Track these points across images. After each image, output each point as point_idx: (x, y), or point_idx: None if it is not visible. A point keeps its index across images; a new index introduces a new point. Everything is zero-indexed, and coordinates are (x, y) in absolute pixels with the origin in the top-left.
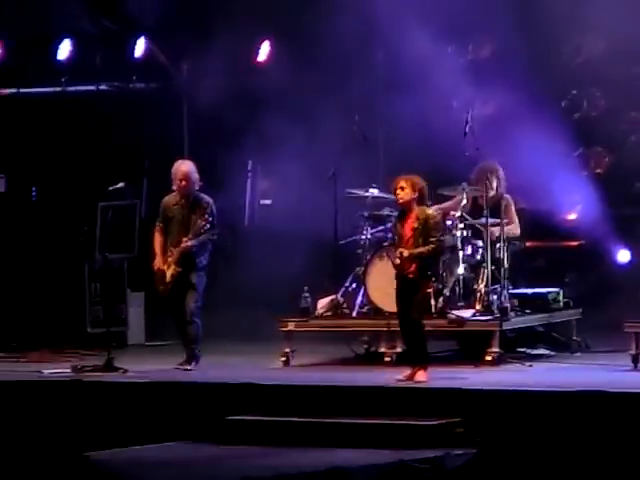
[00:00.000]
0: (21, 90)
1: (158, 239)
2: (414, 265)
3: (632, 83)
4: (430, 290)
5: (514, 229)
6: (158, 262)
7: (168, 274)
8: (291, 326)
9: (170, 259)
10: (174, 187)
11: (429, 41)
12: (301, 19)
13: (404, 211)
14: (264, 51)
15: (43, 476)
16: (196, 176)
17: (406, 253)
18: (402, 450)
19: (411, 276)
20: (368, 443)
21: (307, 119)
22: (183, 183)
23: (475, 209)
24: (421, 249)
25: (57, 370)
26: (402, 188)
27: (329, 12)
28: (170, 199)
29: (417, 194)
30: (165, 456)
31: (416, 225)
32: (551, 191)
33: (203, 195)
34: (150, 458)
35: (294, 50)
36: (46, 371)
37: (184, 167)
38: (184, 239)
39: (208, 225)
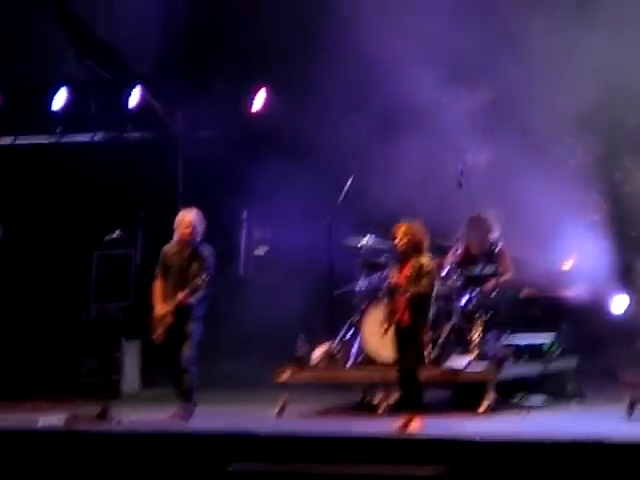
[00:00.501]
0: (17, 141)
1: (158, 285)
2: (407, 313)
3: (625, 130)
4: (425, 338)
5: (510, 277)
6: (159, 308)
7: (163, 323)
8: (286, 376)
9: (167, 309)
10: (175, 236)
11: (426, 90)
12: (296, 66)
13: (402, 259)
14: (259, 99)
15: None
16: (202, 226)
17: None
18: None
19: (405, 324)
20: None
21: (302, 167)
22: (188, 230)
23: (468, 257)
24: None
25: (51, 420)
26: (402, 237)
27: (325, 59)
28: (170, 248)
29: (416, 243)
30: None
31: (409, 273)
32: (547, 239)
33: (203, 246)
34: None
35: (290, 97)
36: (40, 420)
37: (190, 216)
38: (180, 292)
39: (206, 280)
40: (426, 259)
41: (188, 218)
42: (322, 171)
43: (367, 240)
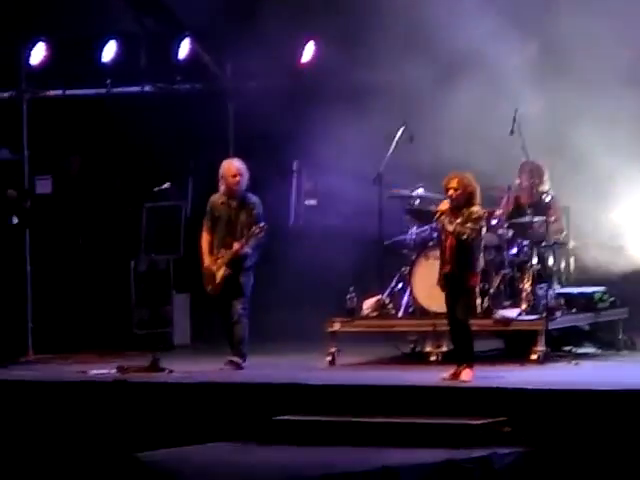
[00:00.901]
0: (67, 92)
1: (206, 238)
2: (454, 259)
3: None
4: (475, 288)
5: (559, 227)
6: (207, 261)
7: (219, 275)
8: (337, 326)
9: (220, 260)
10: (222, 186)
11: (478, 39)
12: (347, 18)
13: (453, 209)
14: (309, 51)
15: (92, 476)
16: (247, 175)
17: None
18: (450, 449)
19: (452, 271)
20: (415, 442)
21: (352, 119)
22: (237, 178)
23: (518, 208)
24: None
25: (103, 371)
26: (455, 189)
27: (375, 10)
28: (217, 198)
29: (468, 195)
30: (212, 456)
31: (460, 221)
32: (601, 190)
33: (250, 195)
34: (196, 459)
35: (339, 50)
36: (92, 372)
37: (237, 163)
38: (235, 243)
39: (261, 231)
40: (477, 208)
41: (234, 167)
42: (372, 122)
43: (418, 191)
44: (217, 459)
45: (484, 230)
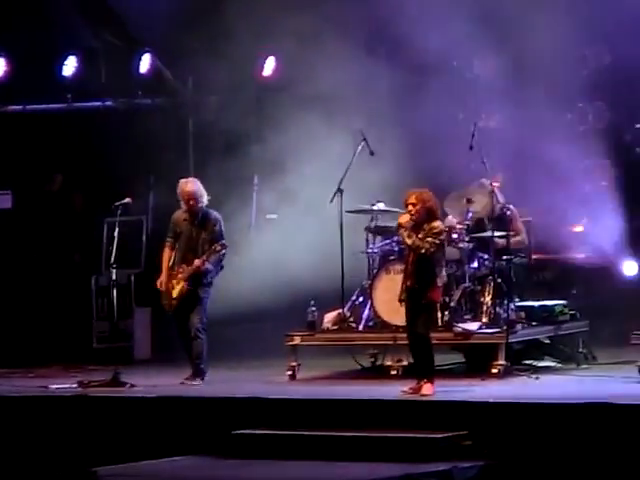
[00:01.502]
0: (27, 107)
1: (167, 254)
2: (414, 273)
3: (636, 95)
4: (437, 302)
5: (521, 240)
6: (164, 277)
7: (176, 290)
8: (297, 340)
9: (180, 275)
10: (182, 205)
11: (435, 54)
12: (305, 33)
13: (415, 225)
14: (269, 66)
15: None
16: (202, 193)
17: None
18: (409, 464)
19: (412, 284)
20: (375, 457)
21: (313, 133)
22: (191, 203)
23: (479, 222)
24: (414, 238)
25: (64, 385)
26: (413, 204)
27: (334, 26)
28: (179, 215)
29: (427, 211)
30: (172, 471)
31: (416, 237)
32: (557, 204)
33: (211, 211)
34: (157, 473)
35: (299, 64)
36: (53, 386)
37: (189, 187)
38: (196, 260)
39: (222, 248)
40: (437, 223)
41: (187, 190)
42: (332, 136)
43: (378, 205)
44: (178, 473)
45: (445, 245)
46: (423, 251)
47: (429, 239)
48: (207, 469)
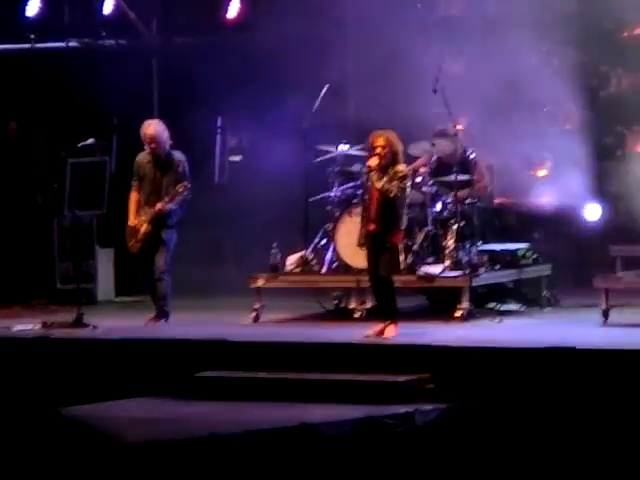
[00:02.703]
0: None
1: (134, 197)
2: (378, 217)
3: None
4: (399, 245)
5: (484, 184)
6: (132, 219)
7: (141, 232)
8: (261, 282)
9: (143, 217)
10: (146, 148)
11: None
12: None
13: (380, 168)
14: (234, 7)
15: (15, 431)
16: (165, 135)
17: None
18: (372, 406)
19: (376, 228)
20: (338, 399)
21: (276, 74)
22: (153, 145)
23: (442, 165)
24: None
25: (27, 326)
26: (382, 147)
27: None
28: (142, 157)
29: (393, 154)
30: (134, 412)
31: (385, 180)
32: (521, 147)
33: (175, 152)
34: (119, 413)
35: (262, 5)
36: (15, 327)
37: (151, 130)
38: (159, 202)
39: (185, 189)
40: (402, 166)
41: (149, 133)
42: (298, 78)
43: (342, 148)
44: (140, 414)
45: (409, 188)
46: (392, 195)
47: (395, 182)
48: (170, 410)
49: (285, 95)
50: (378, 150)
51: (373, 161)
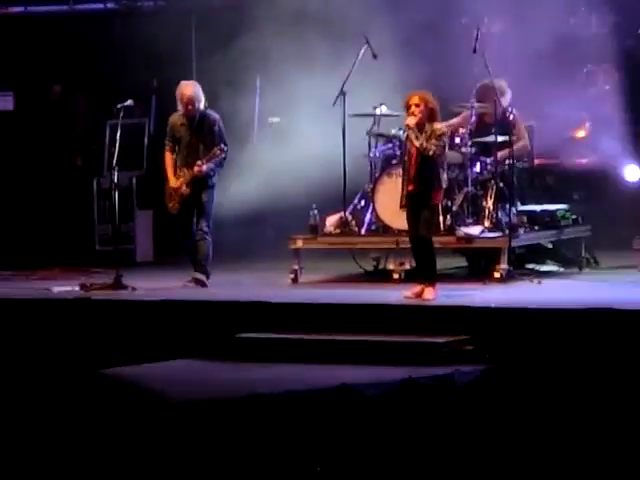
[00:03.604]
0: (28, 8)
1: (169, 158)
2: (417, 176)
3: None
4: (438, 205)
5: (523, 145)
6: (172, 181)
7: (180, 194)
8: (300, 243)
9: (181, 180)
10: (180, 108)
11: None
12: None
13: (416, 126)
14: None
15: (59, 393)
16: (201, 97)
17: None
18: (411, 367)
19: (415, 189)
20: (377, 360)
21: (316, 36)
22: (189, 107)
23: (482, 126)
24: (421, 140)
25: (66, 288)
26: (416, 105)
27: None
28: (176, 119)
29: (429, 112)
30: (176, 373)
31: (423, 138)
32: (559, 108)
33: (209, 112)
34: (161, 375)
35: None
36: (55, 289)
37: (189, 90)
38: (198, 162)
39: (222, 152)
40: (439, 124)
41: (188, 94)
42: (336, 38)
43: (381, 108)
44: (181, 376)
45: (447, 147)
46: (430, 153)
47: (434, 141)
48: (208, 371)
49: (325, 56)
50: (413, 109)
51: (410, 120)
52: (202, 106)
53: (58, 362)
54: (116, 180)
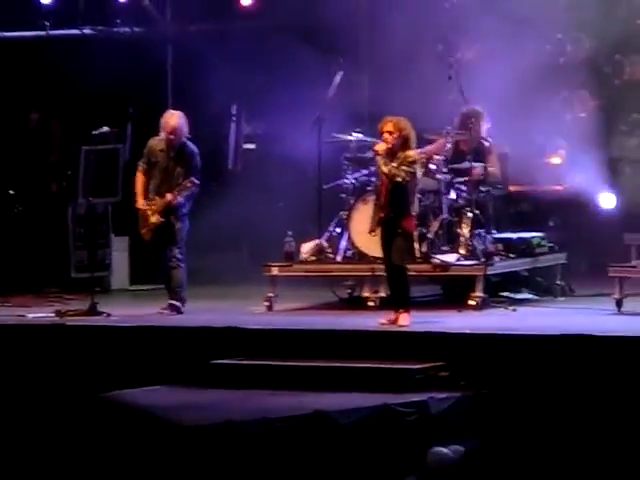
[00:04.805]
0: (4, 34)
1: (140, 179)
2: (388, 202)
3: (615, 26)
4: (412, 232)
5: (493, 172)
6: (141, 202)
7: (151, 222)
8: (275, 271)
9: (154, 207)
10: (161, 134)
11: None
12: None
13: (389, 153)
14: None
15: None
16: (185, 129)
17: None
18: (386, 394)
19: (387, 214)
20: (352, 387)
21: (291, 63)
22: (171, 137)
23: (457, 153)
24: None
25: (41, 314)
26: (389, 132)
27: None
28: (156, 143)
29: (402, 139)
30: (150, 400)
31: (395, 164)
32: (535, 135)
33: (189, 144)
34: (135, 402)
35: None
36: (30, 315)
37: (173, 121)
38: (168, 194)
39: (193, 185)
40: (412, 152)
41: (172, 124)
42: (311, 67)
43: (355, 136)
44: (154, 402)
45: (419, 174)
46: (399, 179)
47: (404, 167)
48: (184, 398)
49: (299, 83)
50: (386, 136)
51: (380, 146)
52: (183, 136)
53: (32, 389)
54: (92, 206)
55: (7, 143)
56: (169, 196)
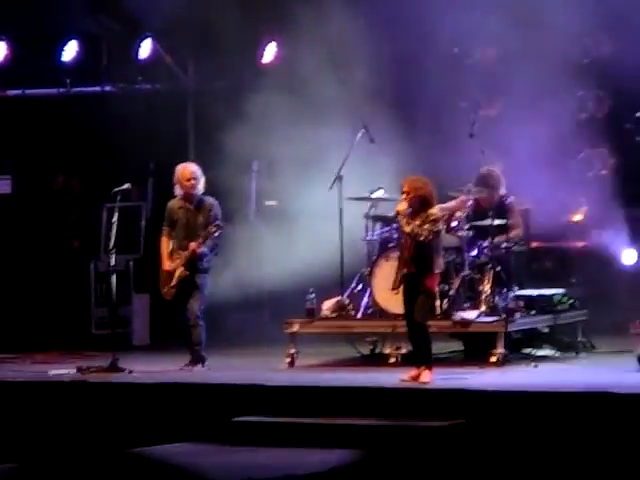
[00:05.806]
0: (26, 91)
1: (165, 242)
2: (411, 259)
3: (637, 84)
4: (434, 289)
5: (516, 233)
6: (167, 265)
7: (176, 276)
8: (296, 327)
9: (177, 261)
10: (178, 190)
11: (436, 42)
12: (307, 19)
13: (412, 212)
14: (270, 52)
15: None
16: (201, 176)
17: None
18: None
19: (409, 271)
20: (374, 444)
21: (314, 120)
22: (192, 182)
23: (478, 211)
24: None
25: (62, 371)
26: (406, 192)
27: (336, 12)
28: (175, 203)
29: (419, 199)
30: (172, 457)
31: (417, 223)
32: (556, 192)
33: (207, 197)
34: (157, 459)
35: (300, 51)
36: (51, 372)
37: (191, 167)
38: (192, 243)
39: (217, 230)
40: (434, 209)
41: (188, 171)
42: (333, 122)
43: (378, 193)
44: (177, 460)
45: (442, 231)
46: (422, 238)
47: (426, 226)
48: (207, 456)
49: (322, 140)
50: (404, 195)
51: (401, 205)
52: (202, 186)
53: (53, 445)
54: (113, 263)
55: (30, 200)
56: (193, 245)
